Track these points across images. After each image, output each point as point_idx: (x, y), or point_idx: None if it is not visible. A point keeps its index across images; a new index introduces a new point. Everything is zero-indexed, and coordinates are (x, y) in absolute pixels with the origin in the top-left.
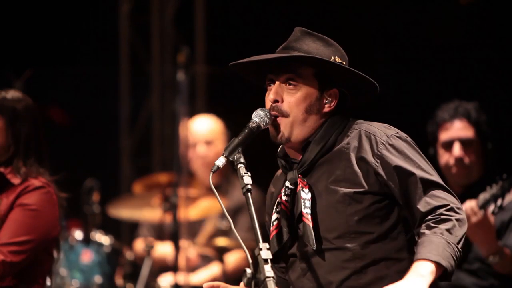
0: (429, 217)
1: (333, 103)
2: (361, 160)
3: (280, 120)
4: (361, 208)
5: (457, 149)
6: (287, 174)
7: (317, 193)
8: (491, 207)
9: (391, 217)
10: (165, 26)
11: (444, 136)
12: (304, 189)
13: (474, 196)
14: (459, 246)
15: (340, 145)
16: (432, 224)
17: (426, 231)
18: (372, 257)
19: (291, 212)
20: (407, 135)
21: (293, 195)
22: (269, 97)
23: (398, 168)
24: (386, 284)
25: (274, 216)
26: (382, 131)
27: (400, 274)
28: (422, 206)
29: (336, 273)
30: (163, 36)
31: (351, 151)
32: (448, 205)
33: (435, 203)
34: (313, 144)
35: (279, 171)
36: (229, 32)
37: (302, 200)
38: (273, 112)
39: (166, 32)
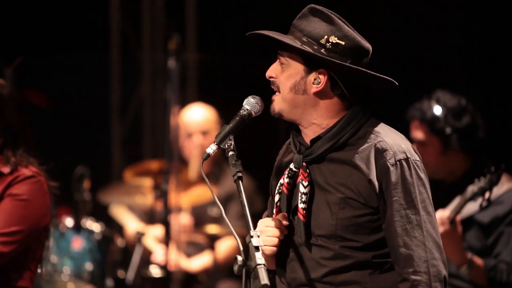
0: (405, 276)
1: (321, 84)
2: (364, 174)
3: (275, 95)
4: (353, 216)
5: None
6: (294, 154)
7: (316, 186)
8: (478, 201)
9: (381, 232)
10: (156, 13)
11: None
12: (303, 181)
13: (461, 190)
14: None
15: (352, 150)
16: None
17: None
18: (352, 260)
19: (291, 196)
20: (418, 159)
21: (294, 180)
22: (266, 73)
23: (395, 199)
24: (364, 284)
25: (277, 197)
26: (393, 151)
27: (379, 275)
28: (399, 257)
29: (316, 269)
30: (154, 23)
31: (359, 162)
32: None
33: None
34: (323, 141)
35: (286, 145)
36: (220, 20)
37: (299, 194)
38: (272, 86)
39: (157, 20)
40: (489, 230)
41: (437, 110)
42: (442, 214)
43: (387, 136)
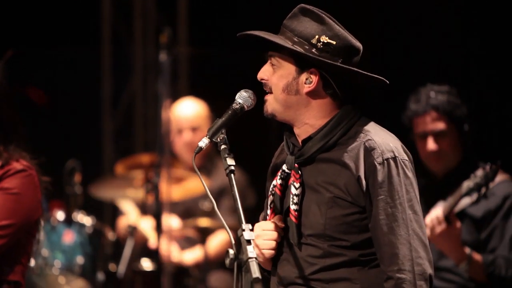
0: (390, 274)
1: (313, 84)
2: (353, 173)
3: (268, 96)
4: (342, 215)
5: (431, 144)
6: (287, 155)
7: (307, 187)
8: (474, 197)
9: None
10: (148, 7)
11: (417, 129)
12: (295, 183)
13: (455, 182)
14: None
15: (342, 149)
16: None
17: None
18: (342, 258)
19: (283, 197)
20: (406, 158)
21: (287, 182)
22: (258, 75)
23: (381, 197)
24: (353, 281)
25: (270, 198)
26: (381, 150)
27: (368, 270)
28: (384, 256)
29: (306, 267)
30: (146, 17)
31: (348, 160)
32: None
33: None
34: (314, 141)
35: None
36: (211, 13)
37: (291, 195)
38: (264, 88)
39: (148, 13)
40: (481, 224)
41: (450, 98)
42: (437, 213)
43: (377, 135)
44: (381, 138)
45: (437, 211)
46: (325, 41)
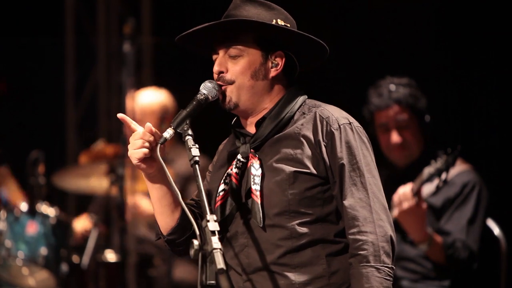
0: (351, 237)
1: (279, 66)
2: (311, 143)
3: (227, 87)
4: (304, 189)
5: (395, 137)
6: (239, 147)
7: (266, 169)
8: (435, 183)
9: (334, 201)
10: None
11: (379, 122)
12: (255, 164)
13: (416, 172)
14: (387, 262)
15: (295, 125)
16: (355, 252)
17: (353, 261)
18: (308, 238)
19: (240, 186)
20: (359, 125)
21: (244, 169)
22: (214, 69)
23: (340, 162)
24: (320, 266)
25: (222, 186)
26: (335, 117)
27: (335, 256)
28: (346, 217)
29: (272, 251)
30: (109, 7)
31: (304, 133)
32: (358, 228)
33: (354, 222)
34: (268, 121)
35: (227, 140)
36: (175, 3)
37: (252, 176)
38: (219, 82)
39: (112, 3)
40: (441, 213)
41: (411, 91)
42: (405, 189)
43: (328, 106)
44: (332, 108)
45: (405, 188)
46: (283, 24)
